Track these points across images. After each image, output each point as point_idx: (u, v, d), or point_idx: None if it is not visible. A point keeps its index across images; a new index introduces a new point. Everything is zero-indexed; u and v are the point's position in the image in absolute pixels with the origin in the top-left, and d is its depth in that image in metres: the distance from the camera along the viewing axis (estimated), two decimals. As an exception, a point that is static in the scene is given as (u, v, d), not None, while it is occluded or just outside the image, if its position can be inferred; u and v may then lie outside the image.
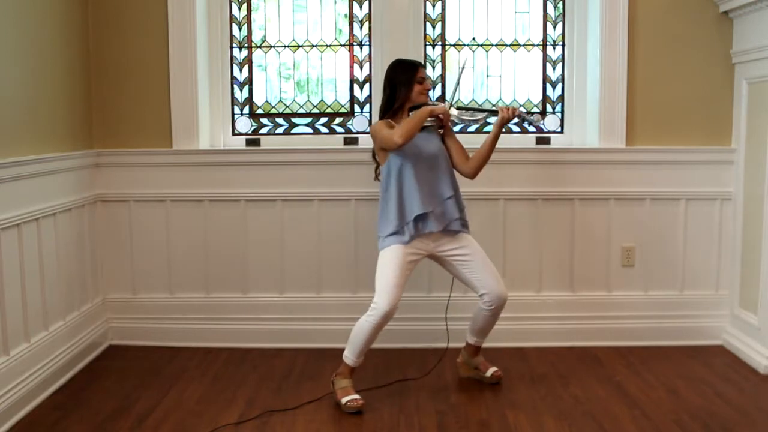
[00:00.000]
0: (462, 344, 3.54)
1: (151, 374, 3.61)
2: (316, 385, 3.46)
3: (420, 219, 3.21)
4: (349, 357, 3.24)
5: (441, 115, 3.23)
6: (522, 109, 3.36)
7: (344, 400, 3.18)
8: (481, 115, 3.35)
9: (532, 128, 4.10)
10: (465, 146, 3.38)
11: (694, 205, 3.97)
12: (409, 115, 3.25)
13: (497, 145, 3.32)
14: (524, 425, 3.02)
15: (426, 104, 3.30)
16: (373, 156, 3.39)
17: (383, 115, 3.33)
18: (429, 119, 3.23)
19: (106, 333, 4.04)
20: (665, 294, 4.02)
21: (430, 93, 3.53)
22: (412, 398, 3.31)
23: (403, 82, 3.28)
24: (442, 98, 4.08)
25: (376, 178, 3.38)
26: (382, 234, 3.25)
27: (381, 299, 3.13)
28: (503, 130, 3.33)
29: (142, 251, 4.03)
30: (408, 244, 3.20)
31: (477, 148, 3.34)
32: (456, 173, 3.35)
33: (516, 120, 3.37)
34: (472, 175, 3.36)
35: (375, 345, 3.28)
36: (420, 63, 3.39)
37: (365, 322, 3.17)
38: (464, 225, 3.31)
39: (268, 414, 3.15)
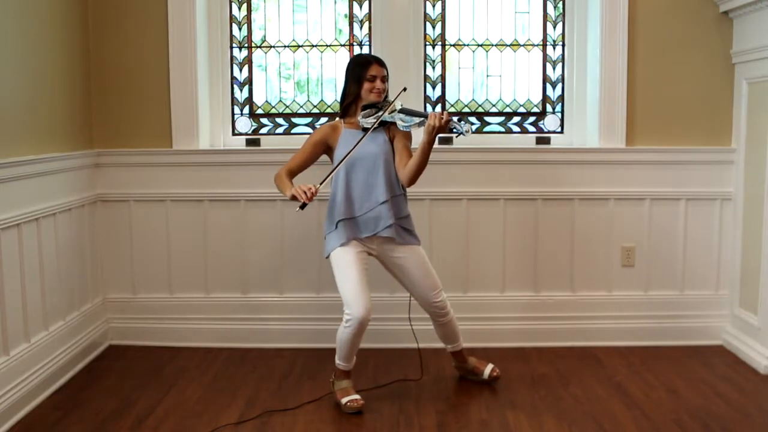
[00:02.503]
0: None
1: (151, 374, 3.61)
2: (316, 385, 3.46)
3: (349, 222, 3.15)
4: (341, 363, 3.24)
5: (294, 196, 3.03)
6: (454, 119, 2.94)
7: (344, 400, 3.18)
8: (415, 120, 3.05)
9: (532, 128, 4.11)
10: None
11: (694, 205, 3.97)
12: (360, 113, 3.15)
13: (499, 145, 3.31)
14: (524, 425, 3.02)
15: (377, 104, 3.14)
16: None
17: (341, 111, 3.27)
18: (369, 121, 3.10)
19: (106, 333, 4.04)
20: (665, 294, 4.02)
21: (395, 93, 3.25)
22: (412, 398, 3.31)
23: (354, 79, 3.19)
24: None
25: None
26: (325, 233, 3.24)
27: (352, 309, 3.06)
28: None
29: (142, 251, 4.03)
30: (346, 246, 3.15)
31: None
32: None
33: (453, 128, 2.97)
34: (407, 183, 3.11)
35: (375, 345, 3.29)
36: (377, 59, 3.23)
37: (345, 333, 3.12)
38: (402, 232, 3.18)
39: (268, 414, 3.15)
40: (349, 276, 3.10)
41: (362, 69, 3.18)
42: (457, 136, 2.98)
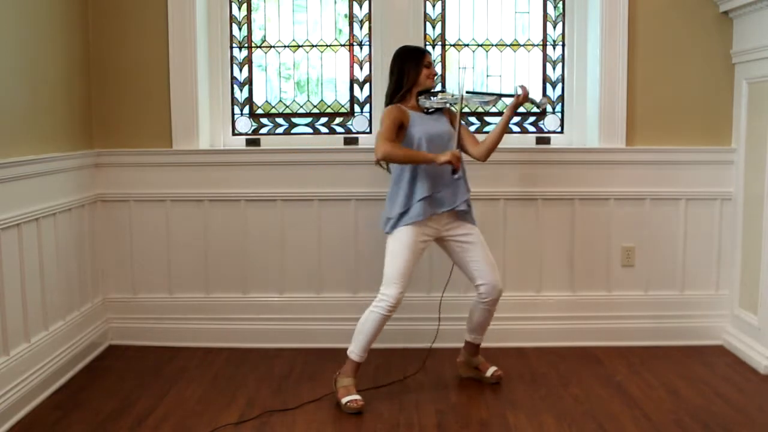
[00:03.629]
0: (459, 344, 3.54)
1: (151, 374, 3.61)
2: (316, 385, 3.46)
3: (430, 199, 3.21)
4: (354, 352, 3.24)
5: (451, 161, 3.14)
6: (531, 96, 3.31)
7: (344, 400, 3.18)
8: (490, 98, 3.37)
9: (532, 128, 4.11)
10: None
11: (694, 205, 3.97)
12: (417, 100, 3.30)
13: (499, 145, 3.32)
14: (524, 425, 3.02)
15: (432, 89, 3.34)
16: None
17: (390, 100, 3.35)
18: (440, 102, 3.28)
19: (106, 333, 4.04)
20: (665, 294, 4.02)
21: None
22: (412, 398, 3.31)
23: (412, 67, 3.31)
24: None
25: (379, 164, 3.31)
26: (391, 214, 3.24)
27: (389, 290, 3.17)
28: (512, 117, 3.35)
29: (142, 251, 4.03)
30: (419, 224, 3.21)
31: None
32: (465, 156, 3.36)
33: (530, 107, 3.32)
34: (484, 158, 3.37)
35: (375, 345, 3.28)
36: (426, 49, 3.43)
37: (372, 314, 3.20)
38: (470, 210, 3.34)
39: (268, 414, 3.15)
40: (402, 258, 3.19)
41: (419, 58, 3.33)
42: (540, 111, 3.29)
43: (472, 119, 4.11)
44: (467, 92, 3.34)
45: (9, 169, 3.06)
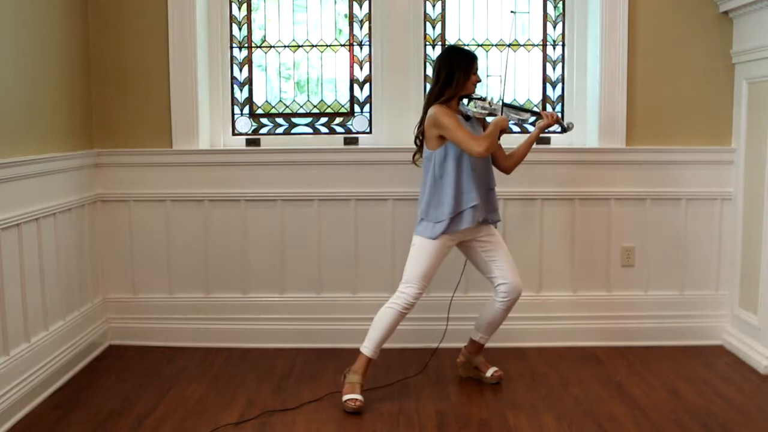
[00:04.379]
0: (461, 344, 3.54)
1: (151, 374, 3.61)
2: (316, 385, 3.46)
3: (475, 208, 3.21)
4: (368, 347, 3.24)
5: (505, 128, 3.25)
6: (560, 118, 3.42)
7: (345, 398, 3.18)
8: (525, 115, 3.40)
9: (532, 128, 4.10)
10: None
11: (694, 205, 3.97)
12: (459, 104, 3.29)
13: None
14: (524, 425, 3.02)
15: (472, 96, 3.32)
16: (417, 139, 3.34)
17: (435, 99, 3.26)
18: (482, 112, 3.29)
19: (106, 333, 4.04)
20: (665, 294, 4.02)
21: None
22: (412, 398, 3.31)
23: (463, 71, 3.26)
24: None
25: (415, 162, 3.36)
26: (432, 219, 3.22)
27: (410, 288, 3.19)
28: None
29: (142, 251, 4.03)
30: (454, 234, 3.22)
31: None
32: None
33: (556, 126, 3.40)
34: (509, 171, 3.44)
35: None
36: (476, 54, 3.35)
37: (389, 310, 3.21)
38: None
39: (268, 414, 3.15)
40: (429, 263, 3.21)
41: (471, 63, 3.28)
42: (565, 131, 3.41)
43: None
44: (504, 105, 3.34)
45: (9, 169, 3.06)
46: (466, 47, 3.45)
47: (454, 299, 3.58)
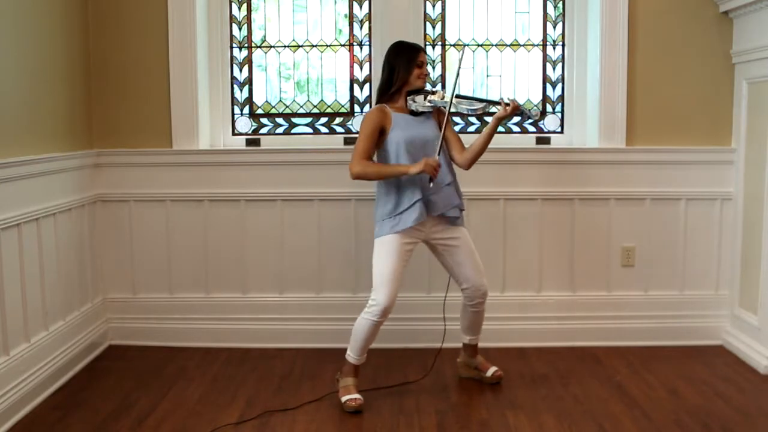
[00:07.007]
0: (460, 344, 3.54)
1: (151, 374, 3.61)
2: (316, 385, 3.46)
3: (420, 203, 3.15)
4: (351, 355, 3.25)
5: (425, 171, 3.06)
6: (522, 105, 3.21)
7: (344, 398, 3.18)
8: (478, 105, 3.22)
9: (532, 128, 4.11)
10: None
11: (694, 205, 3.97)
12: (406, 99, 3.23)
13: (499, 145, 3.33)
14: (524, 425, 3.02)
15: (423, 89, 3.25)
16: None
17: (380, 96, 3.28)
18: (427, 105, 3.20)
19: (106, 333, 4.04)
20: (665, 294, 4.02)
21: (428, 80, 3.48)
22: (412, 398, 3.31)
23: (403, 65, 3.22)
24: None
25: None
26: (379, 219, 3.21)
27: (379, 294, 3.13)
28: (500, 126, 3.28)
29: (142, 251, 4.03)
30: (404, 232, 3.16)
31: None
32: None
33: (516, 117, 3.24)
34: (467, 166, 3.29)
35: (375, 345, 3.28)
36: (421, 47, 3.32)
37: (364, 320, 3.17)
38: (461, 213, 3.28)
39: (268, 414, 3.15)
40: (389, 264, 3.13)
41: (412, 56, 3.23)
42: (528, 122, 3.13)
43: (473, 119, 4.11)
44: (457, 96, 3.21)
45: (9, 169, 3.06)
46: (411, 42, 3.31)
47: (449, 299, 3.58)
